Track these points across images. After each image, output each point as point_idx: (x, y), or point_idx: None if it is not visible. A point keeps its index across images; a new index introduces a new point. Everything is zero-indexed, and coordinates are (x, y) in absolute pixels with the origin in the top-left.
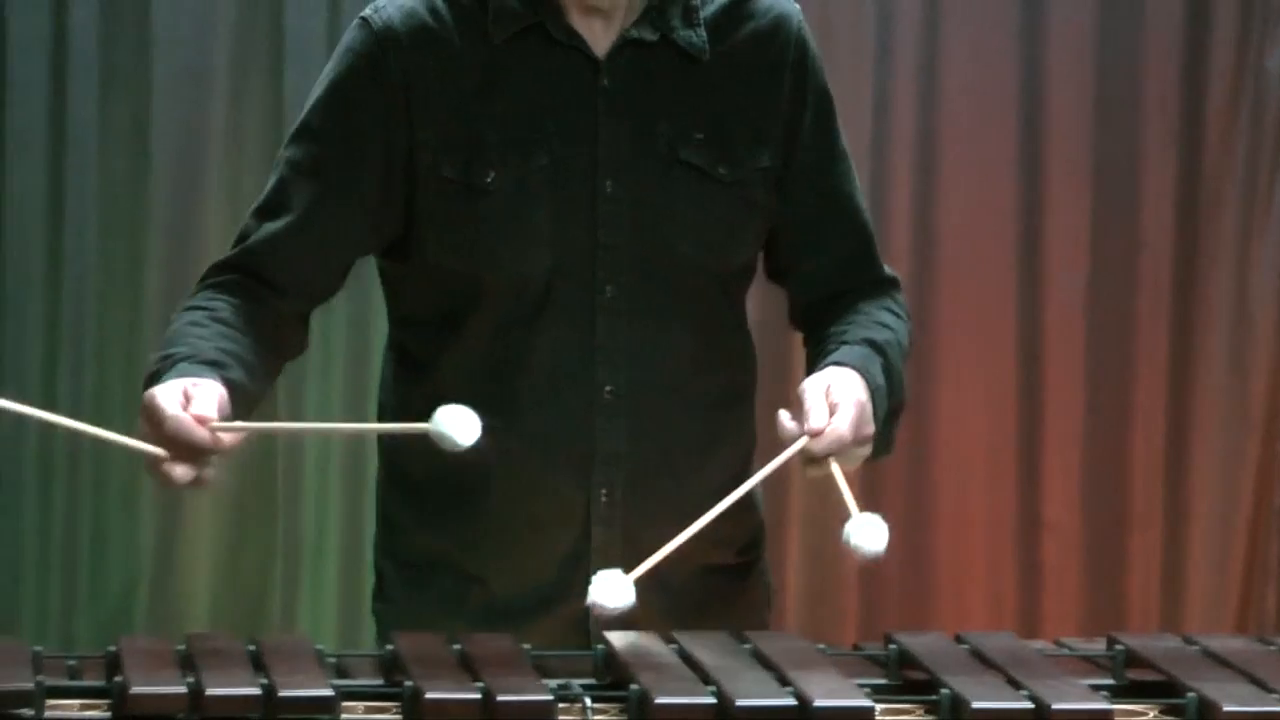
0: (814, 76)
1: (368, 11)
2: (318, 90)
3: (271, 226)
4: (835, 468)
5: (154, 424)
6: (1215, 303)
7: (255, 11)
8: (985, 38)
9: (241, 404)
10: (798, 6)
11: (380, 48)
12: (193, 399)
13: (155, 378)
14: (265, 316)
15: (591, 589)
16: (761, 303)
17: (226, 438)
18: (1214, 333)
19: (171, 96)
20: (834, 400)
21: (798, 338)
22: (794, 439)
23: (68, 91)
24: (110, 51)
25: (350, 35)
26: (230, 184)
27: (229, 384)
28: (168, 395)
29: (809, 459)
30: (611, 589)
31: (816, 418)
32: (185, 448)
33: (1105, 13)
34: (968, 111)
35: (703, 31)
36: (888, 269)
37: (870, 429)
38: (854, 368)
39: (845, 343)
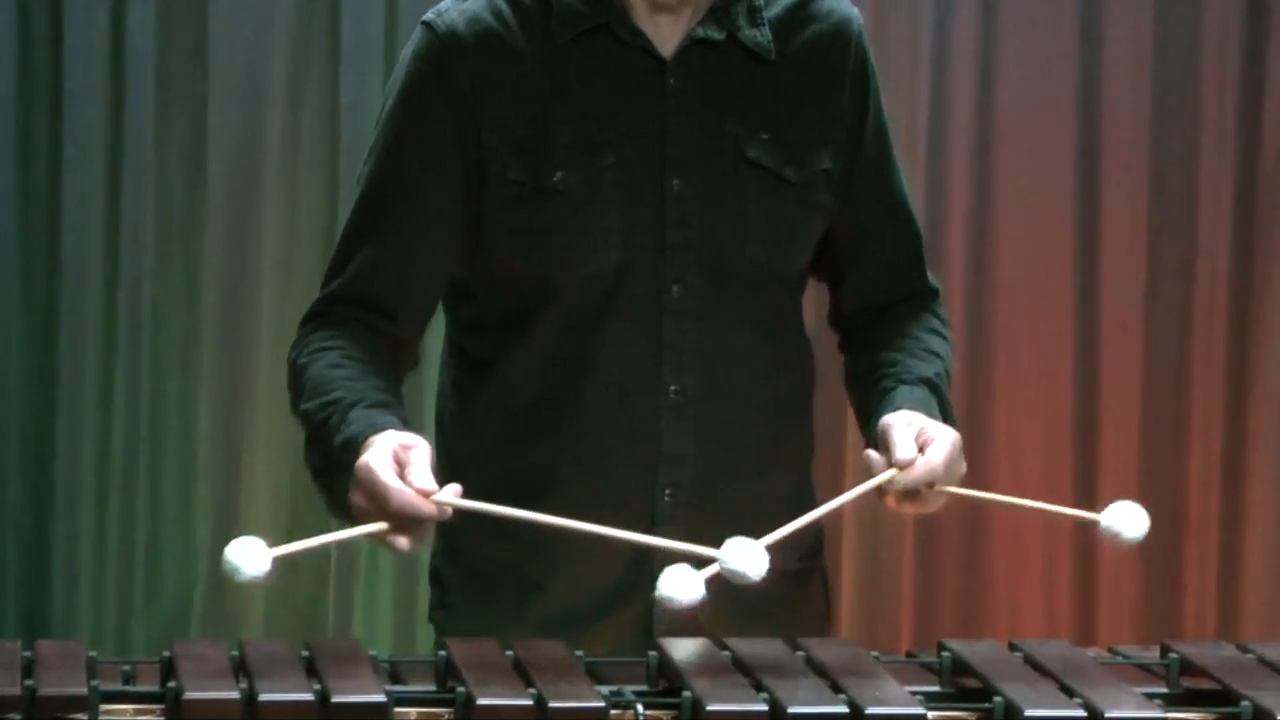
0: (873, 84)
1: (430, 16)
2: (388, 101)
3: (367, 251)
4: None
5: (377, 499)
6: (1273, 309)
7: (312, 17)
8: (1042, 42)
9: None
10: (856, 10)
11: (445, 52)
12: (408, 466)
13: (327, 427)
14: (383, 345)
15: (660, 583)
16: (818, 306)
17: (448, 508)
18: (1272, 338)
19: (228, 102)
20: (927, 437)
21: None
22: (880, 471)
23: (125, 98)
24: (167, 57)
25: (414, 41)
26: (287, 189)
27: (405, 424)
28: (383, 465)
29: (903, 494)
30: (681, 583)
31: (904, 450)
32: (411, 522)
33: (1162, 18)
34: (1024, 117)
35: (768, 31)
36: (931, 278)
37: (963, 468)
38: (922, 409)
39: (903, 382)
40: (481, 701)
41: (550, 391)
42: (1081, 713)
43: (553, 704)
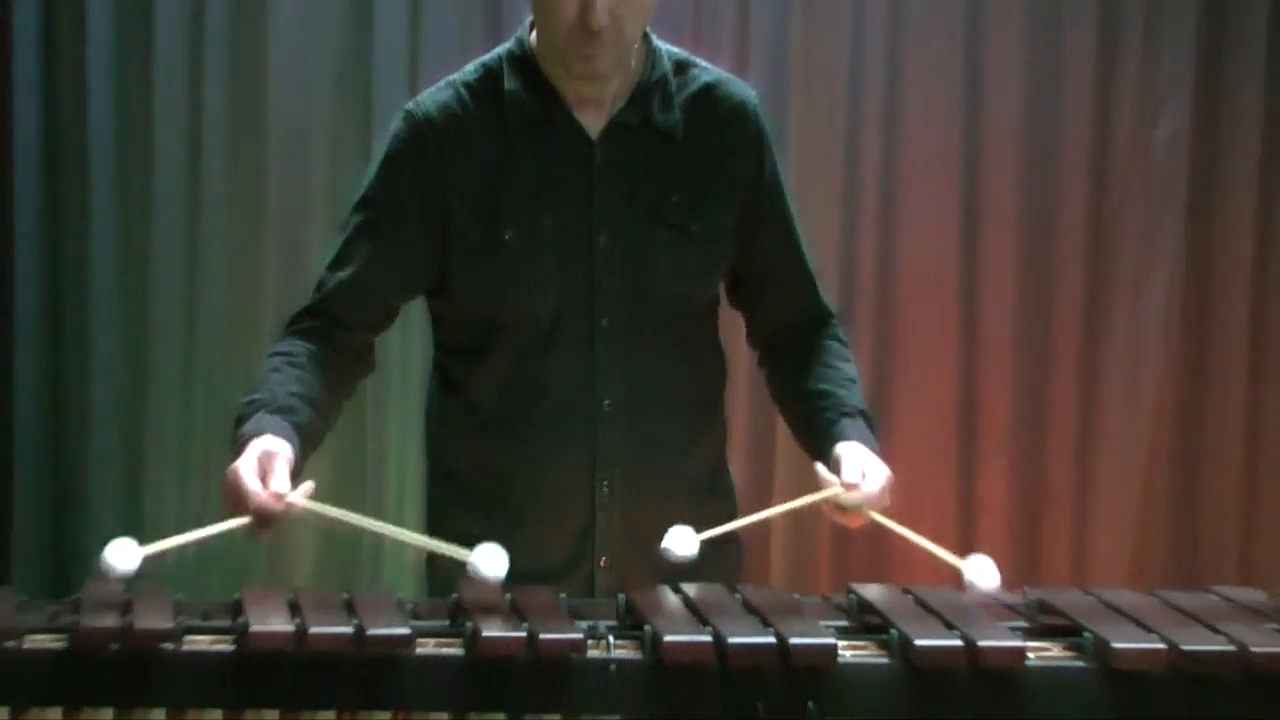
0: (770, 153)
1: (410, 105)
2: (372, 168)
3: (340, 276)
4: (881, 518)
5: (240, 502)
6: (1115, 334)
7: (346, 90)
8: (935, 110)
9: (309, 439)
10: (754, 92)
11: (420, 135)
12: (270, 473)
13: (240, 422)
14: (336, 352)
15: (667, 539)
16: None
17: (297, 508)
18: (1114, 360)
19: (282, 157)
20: (867, 470)
21: None
22: (828, 486)
23: (201, 154)
24: (235, 121)
25: (396, 123)
26: (329, 221)
27: (296, 427)
28: (249, 473)
29: (838, 506)
30: (680, 540)
31: (851, 475)
32: (266, 519)
33: (1031, 90)
34: (921, 170)
35: (677, 114)
36: (827, 301)
37: (888, 501)
38: (864, 444)
39: (843, 414)
40: (485, 634)
41: (507, 408)
42: (959, 643)
43: (542, 636)
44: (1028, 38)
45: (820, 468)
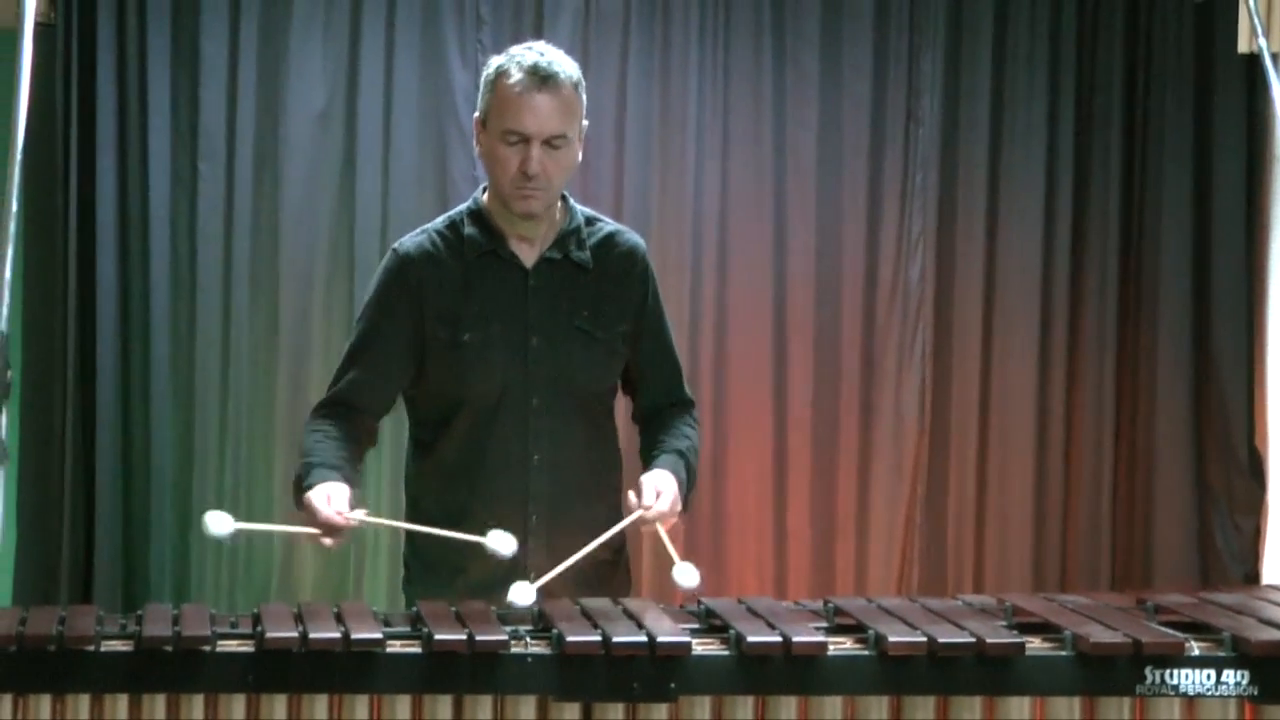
0: (653, 282)
1: (396, 245)
2: (370, 292)
3: (351, 375)
4: (660, 529)
5: (312, 517)
6: (884, 410)
7: (338, 239)
8: (751, 257)
9: (352, 486)
10: (642, 240)
11: (403, 266)
12: (332, 500)
13: (304, 476)
14: (355, 429)
15: (510, 593)
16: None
17: (354, 522)
18: (883, 429)
19: (291, 287)
20: (659, 490)
21: None
22: (634, 510)
23: (231, 295)
24: (255, 269)
25: (387, 258)
26: (326, 343)
27: (345, 479)
28: (319, 499)
29: (644, 522)
30: (522, 593)
31: (648, 499)
32: (332, 530)
33: (822, 238)
34: (743, 299)
35: (588, 253)
36: (689, 393)
37: (679, 508)
38: (670, 470)
39: (664, 452)
40: (437, 637)
41: (465, 462)
42: (779, 638)
43: (479, 638)
44: (816, 199)
45: (630, 496)
